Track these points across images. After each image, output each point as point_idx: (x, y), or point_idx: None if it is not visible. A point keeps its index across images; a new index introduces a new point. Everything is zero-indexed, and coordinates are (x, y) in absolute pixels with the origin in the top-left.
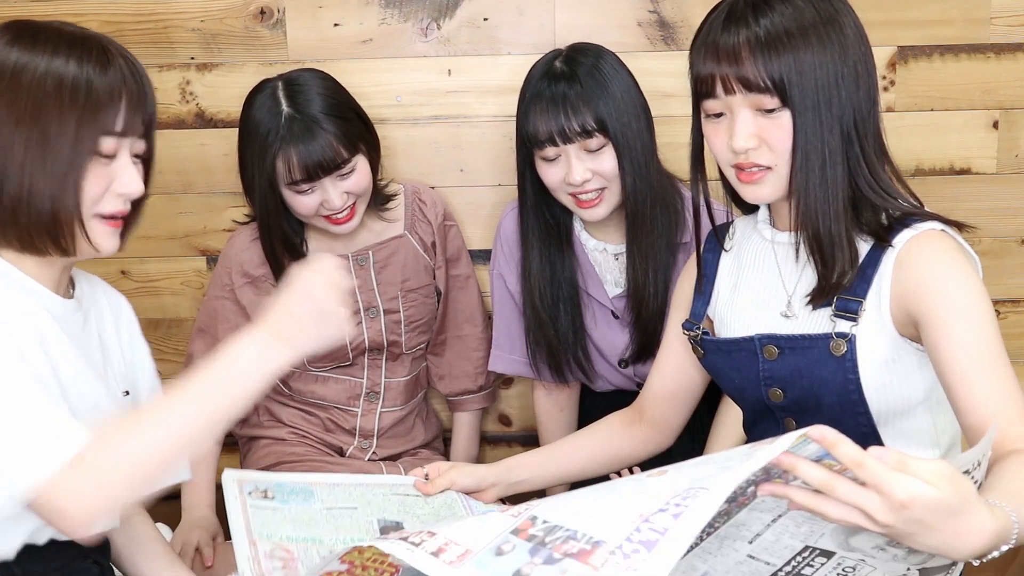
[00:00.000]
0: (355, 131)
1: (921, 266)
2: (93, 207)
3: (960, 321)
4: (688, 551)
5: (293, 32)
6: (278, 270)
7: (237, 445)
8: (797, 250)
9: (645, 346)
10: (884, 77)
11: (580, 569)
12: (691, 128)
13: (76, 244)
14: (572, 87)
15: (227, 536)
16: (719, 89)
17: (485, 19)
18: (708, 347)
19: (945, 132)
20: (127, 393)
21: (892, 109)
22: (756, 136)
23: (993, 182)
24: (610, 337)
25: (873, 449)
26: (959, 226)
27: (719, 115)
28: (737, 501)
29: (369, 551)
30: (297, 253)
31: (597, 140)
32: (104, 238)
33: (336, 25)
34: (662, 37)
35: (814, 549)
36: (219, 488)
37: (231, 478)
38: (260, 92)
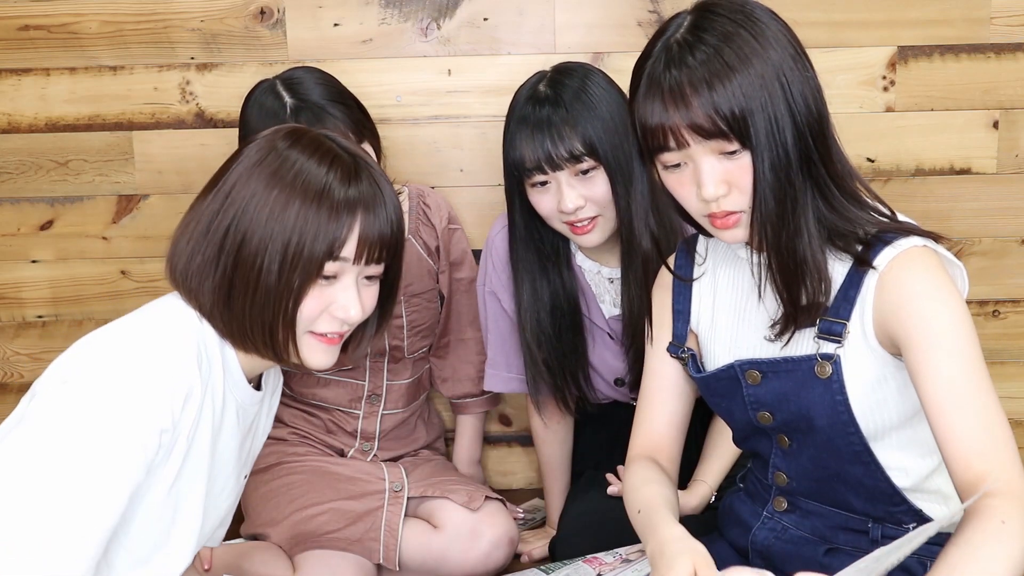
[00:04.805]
0: (358, 119)
1: (902, 289)
2: (308, 325)
3: (940, 348)
4: None
5: (293, 32)
6: None
7: None
8: (761, 282)
9: None
10: (884, 77)
11: None
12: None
13: (288, 355)
14: (557, 111)
15: (224, 537)
16: (672, 142)
17: (485, 19)
18: (693, 376)
19: (945, 132)
20: (247, 477)
21: (892, 109)
22: (725, 182)
23: (993, 182)
24: (608, 358)
25: None
26: (936, 237)
27: (677, 165)
28: None
29: None
30: None
31: (587, 163)
32: (315, 354)
33: (336, 25)
34: None
35: None
36: None
37: None
38: (256, 91)
